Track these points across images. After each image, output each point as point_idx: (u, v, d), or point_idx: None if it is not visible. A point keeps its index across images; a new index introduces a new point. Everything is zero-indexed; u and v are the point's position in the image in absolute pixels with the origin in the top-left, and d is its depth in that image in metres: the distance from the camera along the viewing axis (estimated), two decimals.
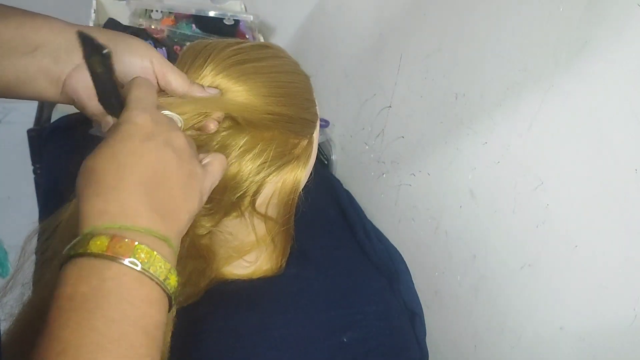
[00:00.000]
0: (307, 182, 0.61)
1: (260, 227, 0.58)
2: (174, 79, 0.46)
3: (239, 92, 0.49)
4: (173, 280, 0.34)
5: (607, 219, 0.46)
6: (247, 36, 1.24)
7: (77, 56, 0.45)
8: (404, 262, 0.76)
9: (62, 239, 0.51)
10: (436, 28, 0.66)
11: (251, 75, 0.50)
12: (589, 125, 0.47)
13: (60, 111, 0.95)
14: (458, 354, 0.69)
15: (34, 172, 0.97)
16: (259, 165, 0.53)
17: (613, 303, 0.46)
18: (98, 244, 0.32)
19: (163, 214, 0.35)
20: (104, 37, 0.45)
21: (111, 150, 0.35)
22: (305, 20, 1.09)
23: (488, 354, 0.63)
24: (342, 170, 0.97)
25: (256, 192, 0.55)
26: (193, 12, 1.17)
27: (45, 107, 1.00)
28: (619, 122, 0.44)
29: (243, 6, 1.38)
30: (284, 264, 0.62)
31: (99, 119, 0.48)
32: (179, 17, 1.20)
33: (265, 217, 0.57)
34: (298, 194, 0.59)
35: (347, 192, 0.89)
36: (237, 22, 1.20)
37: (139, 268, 0.32)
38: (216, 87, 0.49)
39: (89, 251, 0.32)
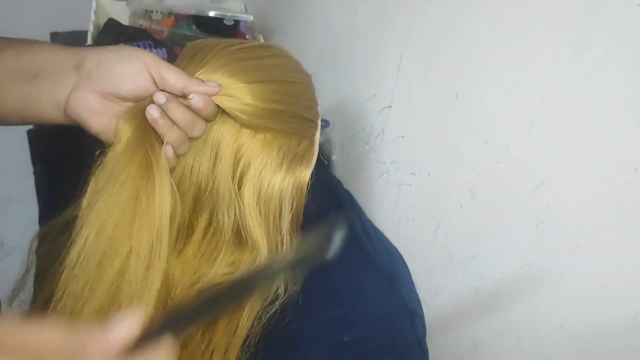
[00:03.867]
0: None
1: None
2: (170, 74, 0.46)
3: (239, 89, 0.49)
4: None
5: (607, 219, 0.46)
6: (247, 36, 1.24)
7: (72, 77, 0.45)
8: (404, 262, 0.76)
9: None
10: (436, 28, 0.66)
11: (252, 72, 0.50)
12: (589, 125, 0.47)
13: None
14: (458, 354, 0.69)
15: (34, 173, 0.97)
16: (283, 172, 0.52)
17: (613, 302, 0.46)
18: None
19: None
20: (94, 53, 0.46)
21: None
22: (305, 21, 1.08)
23: (488, 354, 0.63)
24: (342, 170, 0.97)
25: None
26: (193, 12, 1.17)
27: None
28: (619, 122, 0.44)
29: (243, 6, 1.38)
30: None
31: (104, 137, 0.47)
32: (179, 18, 1.20)
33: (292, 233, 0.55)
34: (305, 197, 0.59)
35: (347, 192, 0.89)
36: (237, 22, 1.20)
37: None
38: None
39: None
